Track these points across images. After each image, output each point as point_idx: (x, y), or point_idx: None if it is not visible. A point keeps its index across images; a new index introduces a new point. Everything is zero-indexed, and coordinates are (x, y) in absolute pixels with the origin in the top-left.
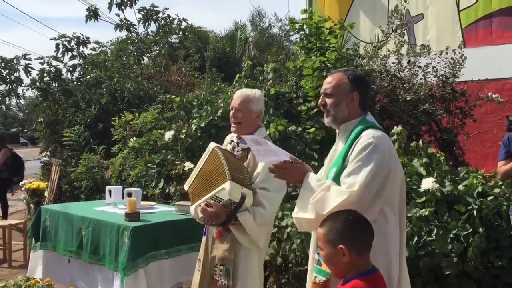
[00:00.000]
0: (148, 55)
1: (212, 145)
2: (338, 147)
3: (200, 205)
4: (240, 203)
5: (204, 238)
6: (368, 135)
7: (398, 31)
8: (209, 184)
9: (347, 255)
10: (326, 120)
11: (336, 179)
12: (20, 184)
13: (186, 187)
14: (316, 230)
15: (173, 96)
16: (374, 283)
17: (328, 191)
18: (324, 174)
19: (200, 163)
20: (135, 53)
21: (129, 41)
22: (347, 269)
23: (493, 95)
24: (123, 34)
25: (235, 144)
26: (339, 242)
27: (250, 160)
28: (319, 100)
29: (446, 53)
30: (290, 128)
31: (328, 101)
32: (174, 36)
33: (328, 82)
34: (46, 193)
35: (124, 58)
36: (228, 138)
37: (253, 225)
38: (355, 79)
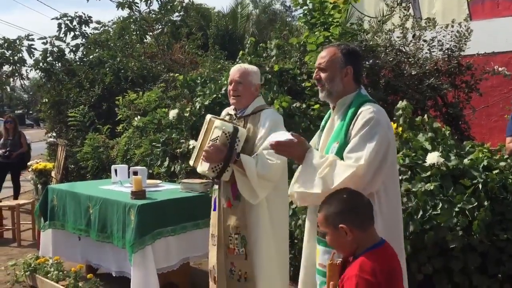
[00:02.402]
0: (150, 33)
1: (208, 116)
2: (335, 122)
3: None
4: (235, 134)
5: (213, 213)
6: (368, 110)
7: (403, 4)
8: (201, 151)
9: (349, 233)
10: (321, 95)
11: (339, 154)
12: (27, 164)
13: (191, 162)
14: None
15: (177, 75)
16: (381, 256)
17: (334, 166)
18: (322, 149)
19: (200, 136)
20: (138, 32)
21: (131, 20)
22: (354, 246)
23: (500, 69)
24: (125, 13)
25: (233, 116)
26: (338, 222)
27: (249, 127)
28: (314, 74)
29: (452, 26)
30: (294, 105)
31: (323, 75)
32: (176, 14)
33: (322, 56)
34: (53, 173)
35: (127, 37)
36: (224, 112)
37: (253, 169)
38: (349, 53)
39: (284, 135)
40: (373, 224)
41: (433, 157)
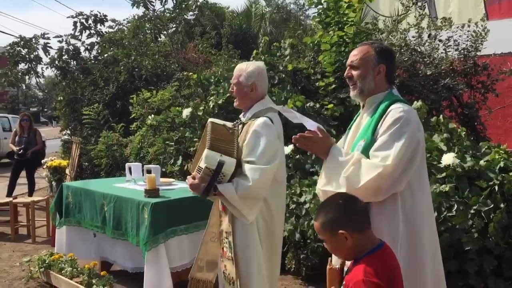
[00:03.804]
0: (165, 32)
1: (209, 121)
2: (363, 120)
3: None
4: (217, 171)
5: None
6: (398, 109)
7: (419, 4)
8: (199, 158)
9: (349, 238)
10: (352, 93)
11: (365, 152)
12: (42, 162)
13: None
14: None
15: (190, 74)
16: (382, 258)
17: (359, 164)
18: (348, 146)
19: (201, 141)
20: (152, 31)
21: (146, 19)
22: (354, 251)
23: None
24: (140, 11)
25: (238, 122)
26: (337, 228)
27: (243, 133)
28: (345, 72)
29: (468, 26)
30: (308, 105)
31: (355, 73)
32: (191, 13)
33: (355, 54)
34: (67, 171)
35: (141, 36)
36: None
37: (235, 196)
38: (382, 52)
39: (310, 125)
40: (370, 227)
41: (448, 158)
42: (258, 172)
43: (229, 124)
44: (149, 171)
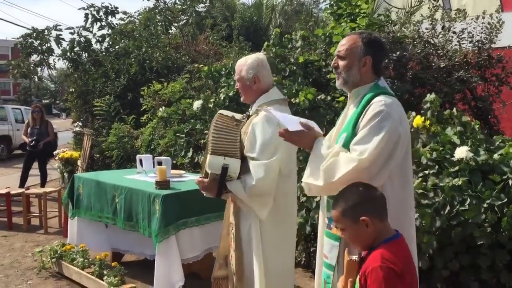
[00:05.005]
0: (175, 24)
1: (218, 112)
2: (349, 111)
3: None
4: (223, 174)
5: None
6: (379, 102)
7: None
8: (205, 157)
9: (370, 225)
10: (337, 83)
11: (346, 145)
12: (53, 153)
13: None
14: (324, 195)
15: (201, 66)
16: (399, 246)
17: (338, 157)
18: (334, 138)
19: (209, 133)
20: (163, 23)
21: (156, 10)
22: (372, 239)
23: None
24: (151, 3)
25: (245, 115)
26: (359, 214)
27: (245, 127)
28: (332, 62)
29: (483, 17)
30: (319, 97)
31: (341, 63)
32: (201, 4)
33: (342, 44)
34: (78, 162)
35: (152, 28)
36: None
37: (244, 194)
38: (370, 43)
39: (293, 122)
40: (387, 216)
41: (461, 152)
42: (262, 169)
43: (238, 116)
44: (160, 163)
